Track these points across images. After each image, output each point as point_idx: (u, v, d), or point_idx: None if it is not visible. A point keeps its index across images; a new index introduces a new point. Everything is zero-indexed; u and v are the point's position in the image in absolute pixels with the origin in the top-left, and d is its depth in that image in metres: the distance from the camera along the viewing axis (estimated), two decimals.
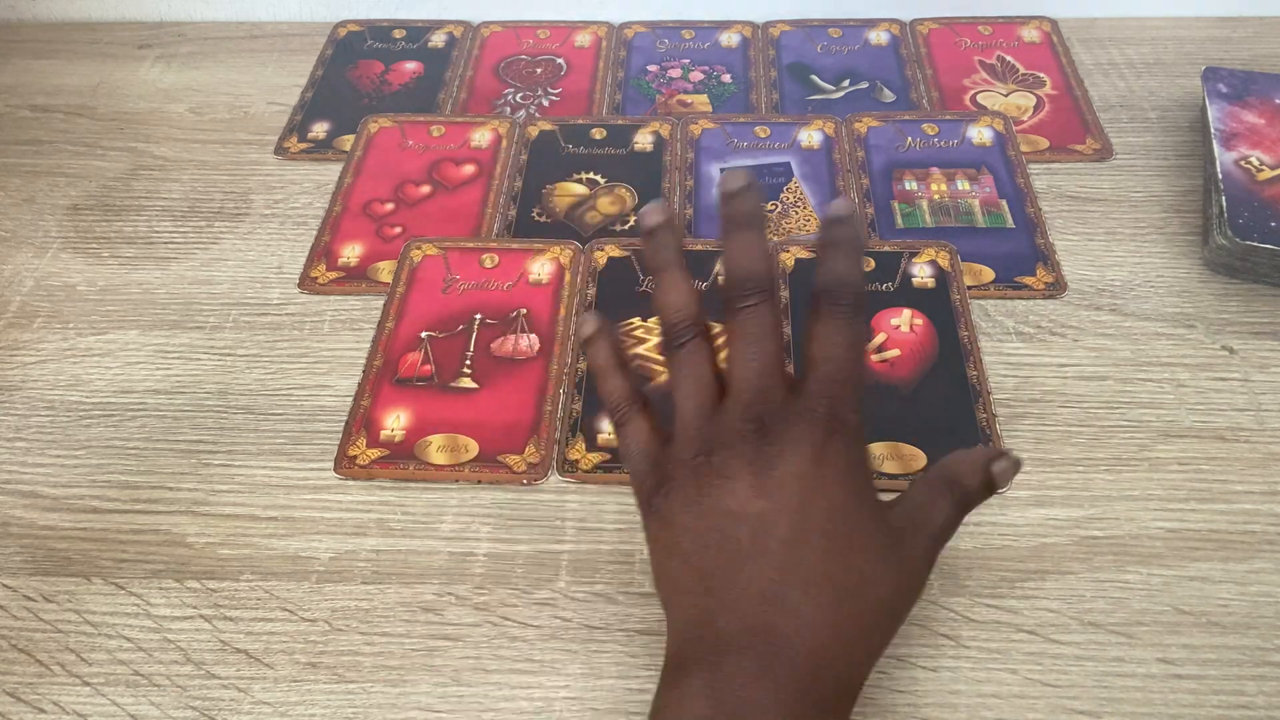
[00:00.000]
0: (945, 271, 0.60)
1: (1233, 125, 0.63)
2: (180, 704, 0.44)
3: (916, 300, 0.58)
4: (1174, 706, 0.43)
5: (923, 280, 0.59)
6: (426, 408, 0.54)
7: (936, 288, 0.59)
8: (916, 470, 0.51)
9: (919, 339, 0.57)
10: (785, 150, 0.69)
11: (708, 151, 0.69)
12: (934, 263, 0.60)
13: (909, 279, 0.59)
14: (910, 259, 0.61)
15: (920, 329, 0.57)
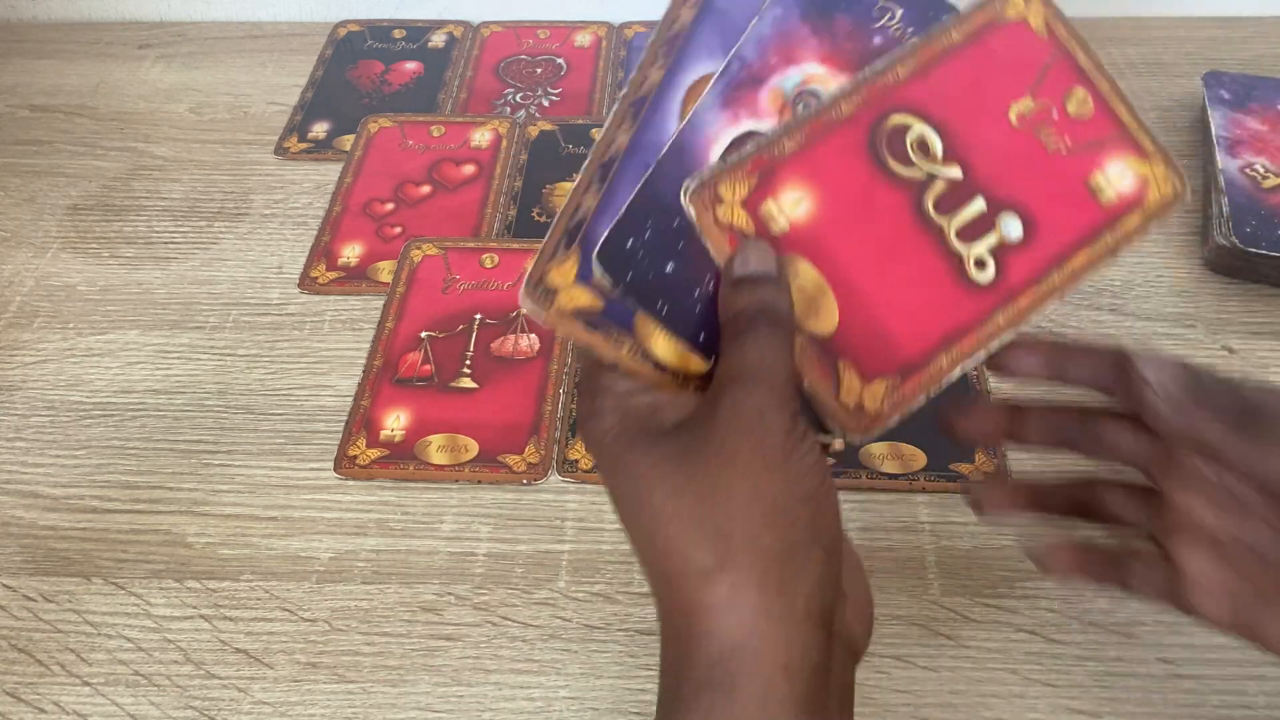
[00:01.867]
0: None
1: (1236, 132, 0.63)
2: (180, 704, 0.44)
3: None
4: (1174, 706, 0.43)
5: None
6: (426, 408, 0.54)
7: None
8: (916, 469, 0.51)
9: None
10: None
11: None
12: None
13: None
14: None
15: None
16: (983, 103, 0.38)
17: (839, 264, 0.37)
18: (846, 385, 0.36)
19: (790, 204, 0.36)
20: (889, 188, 0.37)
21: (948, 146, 0.38)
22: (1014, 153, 0.38)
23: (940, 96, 0.38)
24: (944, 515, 0.50)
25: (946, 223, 0.37)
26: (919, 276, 0.37)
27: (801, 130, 0.37)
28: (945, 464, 0.51)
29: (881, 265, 0.37)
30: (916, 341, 0.37)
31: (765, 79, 0.38)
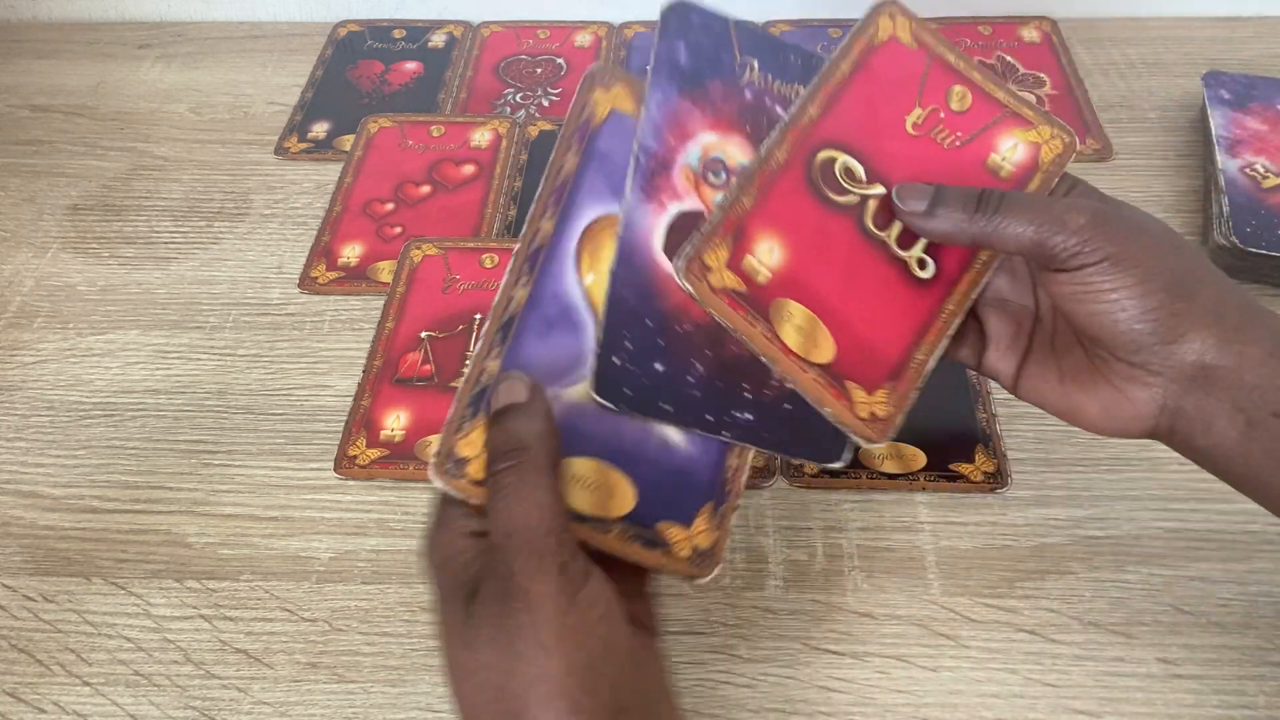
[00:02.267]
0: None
1: (1236, 132, 0.63)
2: (180, 704, 0.44)
3: None
4: (1174, 706, 0.43)
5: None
6: (426, 408, 0.54)
7: None
8: (917, 469, 0.51)
9: None
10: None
11: None
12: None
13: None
14: None
15: None
16: (882, 122, 0.43)
17: (819, 295, 0.41)
18: (859, 401, 0.40)
19: (765, 254, 0.40)
20: (835, 216, 0.42)
21: (868, 169, 0.42)
22: (919, 158, 0.43)
23: (848, 126, 0.43)
24: (944, 515, 0.50)
25: (887, 235, 0.42)
26: (880, 288, 0.41)
27: (751, 185, 0.41)
28: (945, 464, 0.51)
29: (849, 286, 0.41)
30: (895, 345, 0.41)
31: (672, 161, 0.41)
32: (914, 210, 0.40)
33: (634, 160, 0.40)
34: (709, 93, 0.42)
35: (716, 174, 0.41)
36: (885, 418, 0.40)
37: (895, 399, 0.40)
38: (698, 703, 0.44)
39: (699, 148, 0.41)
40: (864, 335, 0.41)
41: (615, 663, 0.33)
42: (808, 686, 0.44)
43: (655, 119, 0.41)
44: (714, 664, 0.45)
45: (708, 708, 0.43)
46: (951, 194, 0.40)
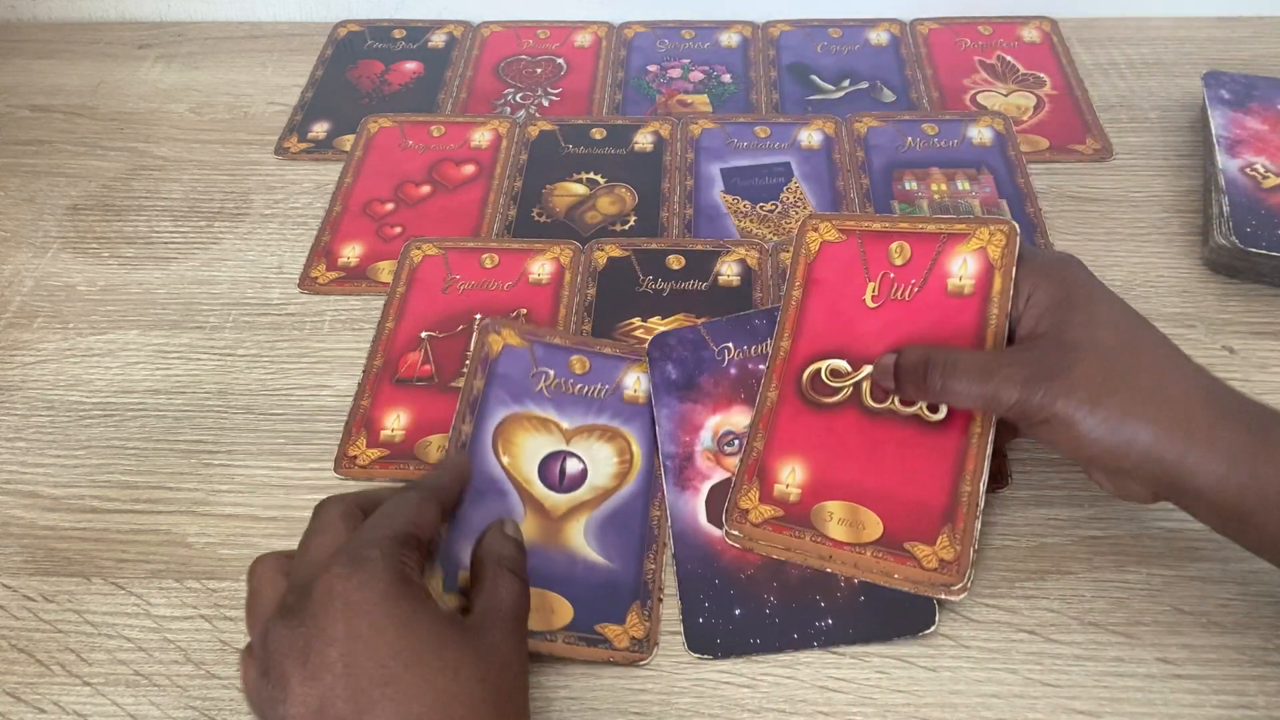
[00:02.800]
0: None
1: (1236, 132, 0.63)
2: (180, 704, 0.44)
3: None
4: (1174, 706, 0.43)
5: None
6: (426, 408, 0.54)
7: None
8: None
9: None
10: (785, 150, 0.69)
11: (708, 151, 0.69)
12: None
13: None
14: None
15: None
16: (847, 314, 0.49)
17: (849, 484, 0.46)
18: (923, 556, 0.44)
19: (789, 477, 0.47)
20: (837, 414, 0.48)
21: (850, 359, 0.48)
22: (891, 323, 0.48)
23: (819, 336, 0.50)
24: None
25: (889, 404, 0.47)
26: (905, 449, 0.46)
27: (757, 428, 0.48)
28: None
29: (874, 463, 0.46)
30: (938, 491, 0.45)
31: (691, 453, 0.51)
32: (887, 387, 0.46)
33: (662, 465, 0.50)
34: (701, 388, 0.52)
35: (730, 444, 0.51)
36: (954, 559, 0.44)
37: (958, 537, 0.44)
38: (697, 703, 0.44)
39: (709, 432, 0.51)
40: (905, 496, 0.45)
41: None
42: (808, 686, 0.44)
43: (667, 428, 0.51)
44: (714, 663, 0.45)
45: (708, 708, 0.43)
46: (902, 367, 0.45)
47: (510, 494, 0.50)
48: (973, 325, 0.46)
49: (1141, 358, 0.41)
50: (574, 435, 0.52)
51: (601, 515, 0.49)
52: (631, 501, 0.49)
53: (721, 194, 0.66)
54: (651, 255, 0.62)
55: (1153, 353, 0.41)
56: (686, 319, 0.58)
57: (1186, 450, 0.39)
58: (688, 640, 0.45)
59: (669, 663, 0.45)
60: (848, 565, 0.45)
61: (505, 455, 0.51)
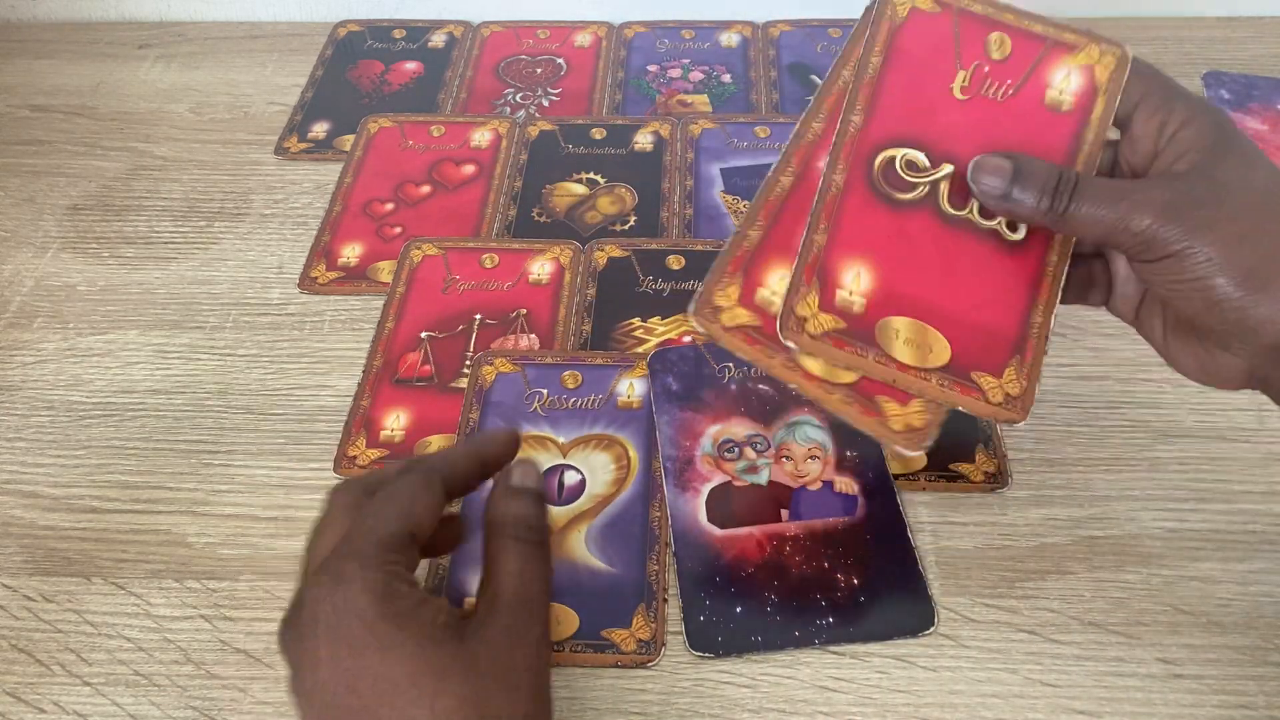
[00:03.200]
0: None
1: None
2: (180, 704, 0.44)
3: None
4: (1174, 706, 0.43)
5: None
6: (426, 408, 0.54)
7: None
8: (917, 469, 0.51)
9: None
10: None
11: (708, 151, 0.69)
12: None
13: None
14: None
15: None
16: (930, 99, 0.42)
17: (919, 300, 0.41)
18: (989, 389, 0.40)
19: (853, 282, 0.40)
20: (910, 214, 0.41)
21: (929, 153, 0.41)
22: (978, 121, 0.42)
23: (898, 119, 0.42)
24: (944, 515, 0.50)
25: (968, 212, 0.41)
26: (978, 267, 0.41)
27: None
28: (945, 464, 0.51)
29: (947, 278, 0.41)
30: (1009, 319, 0.40)
31: (692, 457, 0.51)
32: (991, 190, 0.39)
33: (663, 468, 0.50)
34: (703, 399, 0.53)
35: (730, 450, 0.51)
36: (1019, 394, 0.40)
37: (1025, 371, 0.40)
38: (697, 702, 0.44)
39: (709, 439, 0.51)
40: (976, 321, 0.40)
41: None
42: (808, 686, 0.44)
43: (668, 433, 0.51)
44: (714, 663, 0.45)
45: (707, 708, 0.43)
46: (1027, 175, 0.38)
47: None
48: (1065, 144, 0.41)
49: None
50: (570, 448, 0.52)
51: (602, 522, 0.49)
52: (631, 505, 0.49)
53: (721, 194, 0.66)
54: (651, 255, 0.62)
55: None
56: (687, 319, 0.58)
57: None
58: (688, 639, 0.45)
59: (669, 662, 0.45)
60: (912, 389, 0.40)
61: None
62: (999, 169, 0.39)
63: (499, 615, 0.36)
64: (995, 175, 0.39)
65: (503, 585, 0.36)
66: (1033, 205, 0.38)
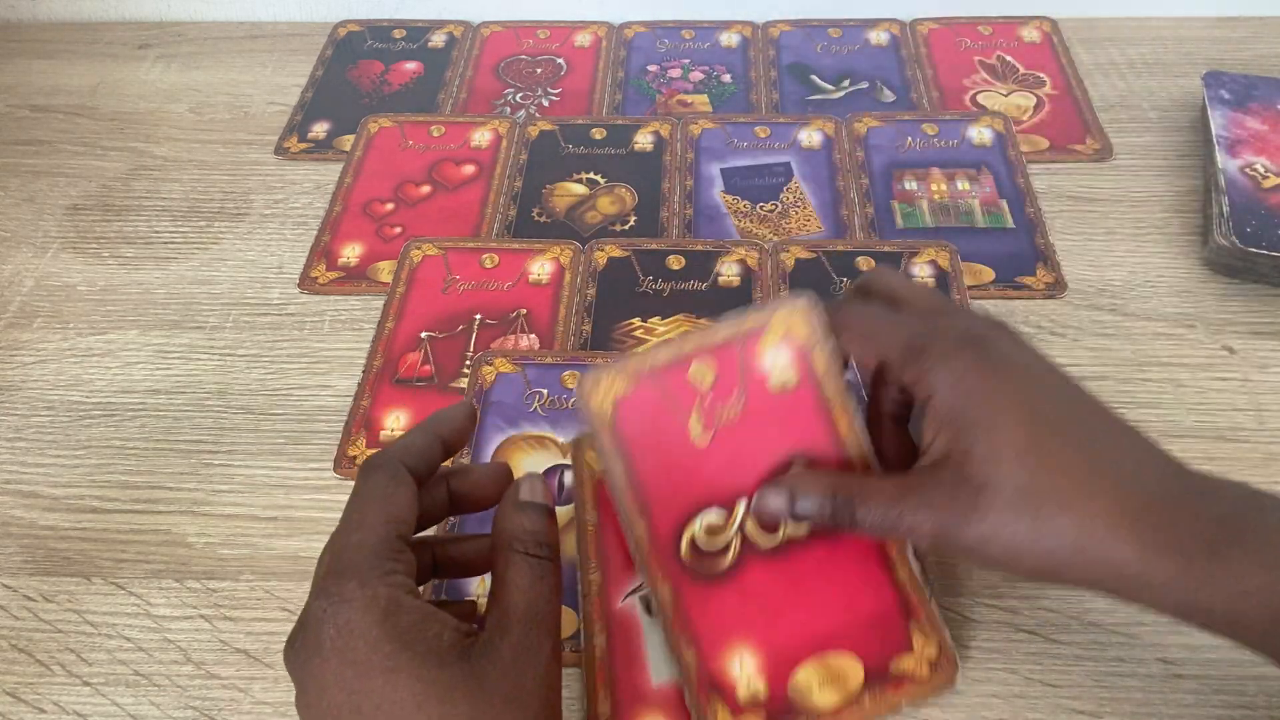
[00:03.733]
0: (945, 271, 0.60)
1: (1236, 132, 0.63)
2: (180, 704, 0.44)
3: None
4: (1174, 706, 0.43)
5: (923, 280, 0.59)
6: (426, 408, 0.54)
7: (937, 287, 0.59)
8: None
9: None
10: (785, 150, 0.69)
11: (708, 151, 0.69)
12: (934, 263, 0.60)
13: (910, 279, 0.59)
14: (910, 259, 0.61)
15: None
16: (683, 463, 0.41)
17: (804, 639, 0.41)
18: (914, 671, 0.42)
19: (741, 672, 0.41)
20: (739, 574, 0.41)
21: (718, 506, 0.41)
22: (736, 449, 0.42)
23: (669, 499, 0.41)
24: None
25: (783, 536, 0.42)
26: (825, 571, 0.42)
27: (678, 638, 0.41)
28: None
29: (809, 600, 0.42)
30: (883, 591, 0.42)
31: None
32: (778, 511, 0.40)
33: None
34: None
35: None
36: (937, 656, 0.42)
37: (928, 627, 0.42)
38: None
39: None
40: (858, 619, 0.42)
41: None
42: None
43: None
44: None
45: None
46: (804, 491, 0.40)
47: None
48: (815, 414, 0.42)
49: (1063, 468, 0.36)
50: (570, 449, 0.52)
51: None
52: None
53: (721, 194, 0.66)
54: (651, 255, 0.62)
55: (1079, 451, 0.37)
56: (686, 319, 0.58)
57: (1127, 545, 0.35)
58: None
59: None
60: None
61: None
62: (777, 490, 0.40)
63: (508, 633, 0.35)
64: (776, 496, 0.40)
65: (512, 601, 0.35)
66: (817, 513, 0.39)
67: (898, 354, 0.39)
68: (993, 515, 0.36)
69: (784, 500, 0.40)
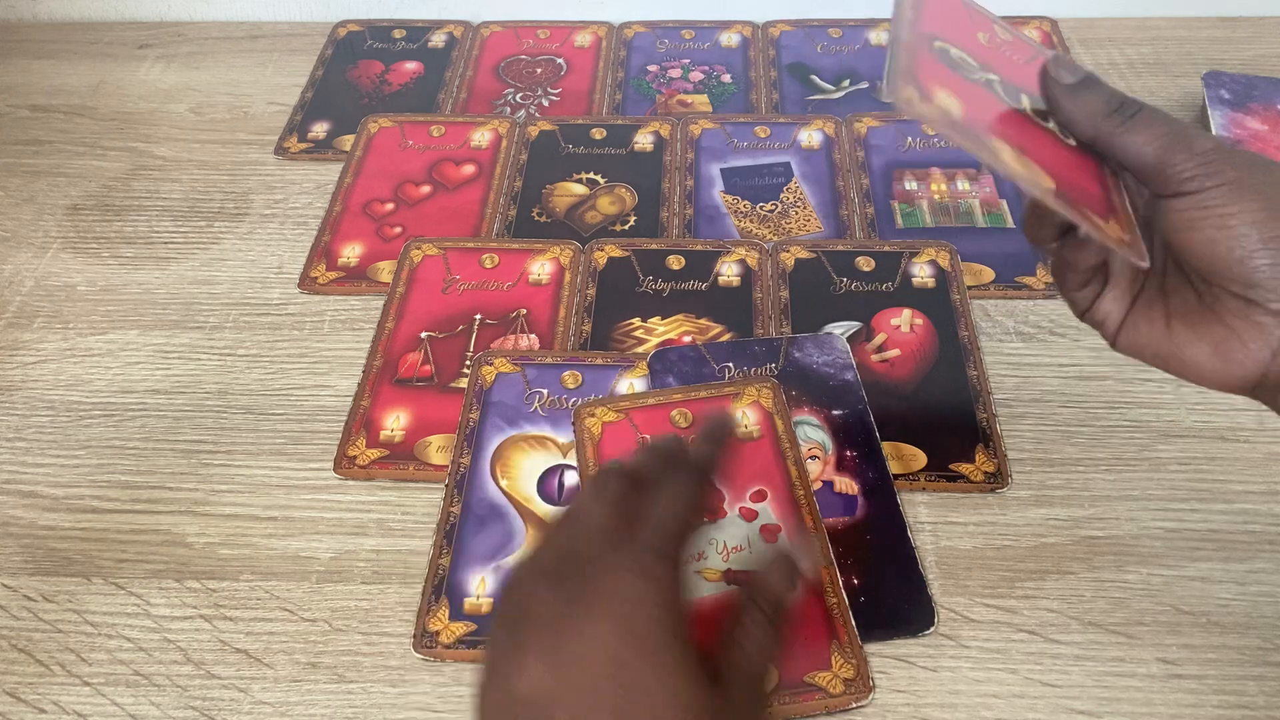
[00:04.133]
0: (945, 271, 0.60)
1: (1236, 132, 0.63)
2: (180, 704, 0.44)
3: (916, 300, 0.58)
4: (1174, 706, 0.43)
5: (923, 280, 0.59)
6: (426, 408, 0.54)
7: (936, 287, 0.59)
8: (916, 469, 0.51)
9: (919, 339, 0.57)
10: (785, 150, 0.69)
11: (708, 151, 0.69)
12: (934, 262, 0.60)
13: (909, 279, 0.59)
14: (910, 258, 0.61)
15: (920, 329, 0.57)
16: (963, 34, 0.42)
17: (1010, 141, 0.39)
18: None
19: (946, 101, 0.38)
20: (979, 89, 0.40)
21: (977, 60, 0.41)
22: (1006, 63, 0.42)
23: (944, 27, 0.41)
24: (944, 515, 0.50)
25: (1026, 106, 0.40)
26: (1051, 143, 0.40)
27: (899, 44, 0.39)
28: (945, 464, 0.51)
29: (1027, 141, 0.39)
30: (1095, 188, 0.39)
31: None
32: (1063, 81, 0.39)
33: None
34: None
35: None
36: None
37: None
38: None
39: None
40: (1068, 179, 0.39)
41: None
42: None
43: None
44: None
45: None
46: (1098, 84, 0.39)
47: (510, 515, 0.50)
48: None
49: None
50: (571, 448, 0.52)
51: None
52: None
53: (721, 194, 0.66)
54: (651, 255, 0.62)
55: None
56: (686, 319, 0.58)
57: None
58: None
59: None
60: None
61: (504, 478, 0.51)
62: (1074, 68, 0.39)
63: (736, 677, 0.35)
64: (1070, 70, 0.39)
65: (744, 651, 0.36)
66: (1094, 109, 0.39)
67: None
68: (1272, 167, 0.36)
69: (1077, 76, 0.39)
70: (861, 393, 0.53)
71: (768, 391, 0.53)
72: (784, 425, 0.52)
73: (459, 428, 0.53)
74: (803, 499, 0.49)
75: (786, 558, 0.39)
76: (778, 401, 0.53)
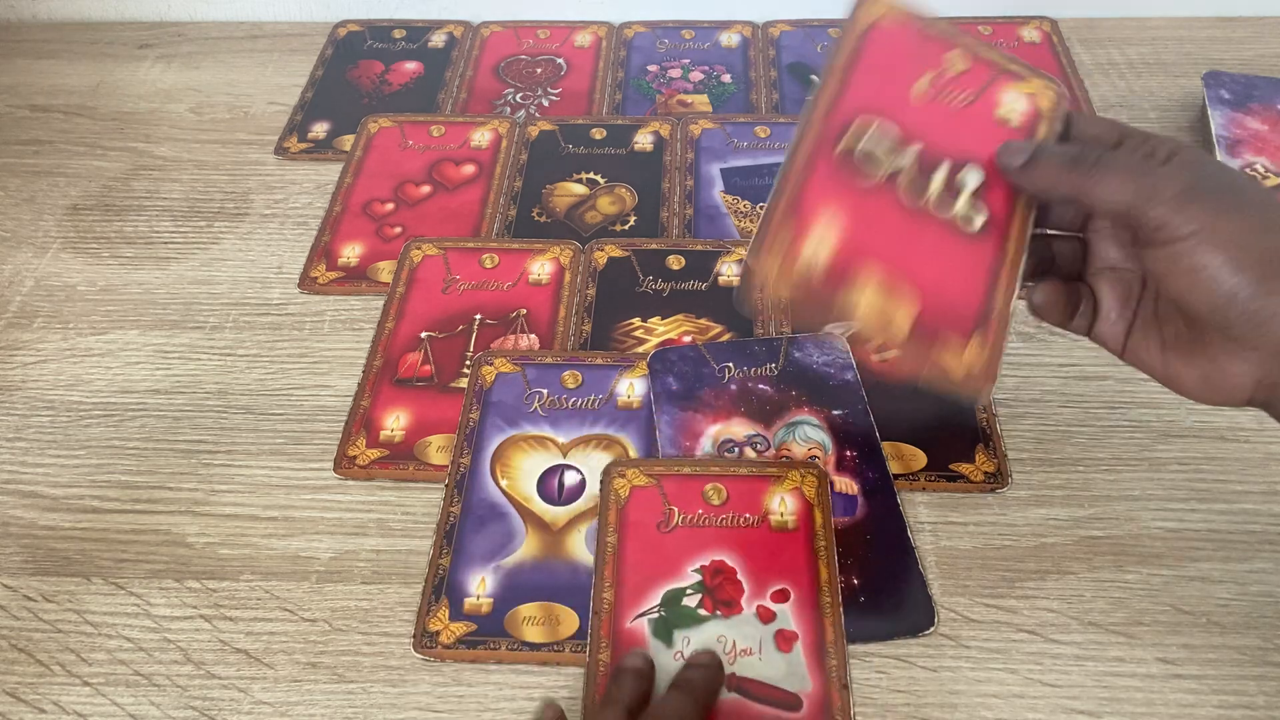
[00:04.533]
0: None
1: (1236, 132, 0.63)
2: (180, 704, 0.44)
3: None
4: (1174, 706, 0.43)
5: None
6: (426, 408, 0.54)
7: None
8: (916, 469, 0.51)
9: None
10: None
11: (708, 151, 0.69)
12: None
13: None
14: None
15: None
16: (894, 93, 0.43)
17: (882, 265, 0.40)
18: (951, 361, 0.39)
19: (816, 243, 0.40)
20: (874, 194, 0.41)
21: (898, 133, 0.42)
22: (938, 119, 0.43)
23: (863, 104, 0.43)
24: (944, 515, 0.50)
25: (924, 203, 0.41)
26: (939, 248, 0.41)
27: (783, 191, 0.41)
28: (945, 464, 0.51)
29: (909, 252, 0.40)
30: (972, 296, 0.40)
31: (693, 447, 0.51)
32: (1015, 165, 0.40)
33: (660, 448, 0.51)
34: (702, 399, 0.53)
35: (730, 450, 0.51)
36: (985, 367, 0.40)
37: (991, 347, 0.40)
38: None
39: (709, 439, 0.51)
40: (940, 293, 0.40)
41: None
42: None
43: (668, 434, 0.52)
44: None
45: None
46: (1047, 149, 0.40)
47: (510, 515, 0.50)
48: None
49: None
50: (570, 448, 0.52)
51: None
52: None
53: (721, 194, 0.66)
54: (651, 255, 0.62)
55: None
56: (686, 319, 0.58)
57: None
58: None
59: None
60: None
61: (504, 478, 0.51)
62: (1021, 147, 0.40)
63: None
64: (1017, 152, 0.40)
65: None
66: (1056, 172, 0.39)
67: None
68: (1244, 204, 0.36)
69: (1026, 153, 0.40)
70: (862, 393, 0.53)
71: (812, 479, 0.49)
72: (823, 519, 0.48)
73: (459, 428, 0.53)
74: (828, 607, 0.45)
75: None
76: (821, 493, 0.49)
